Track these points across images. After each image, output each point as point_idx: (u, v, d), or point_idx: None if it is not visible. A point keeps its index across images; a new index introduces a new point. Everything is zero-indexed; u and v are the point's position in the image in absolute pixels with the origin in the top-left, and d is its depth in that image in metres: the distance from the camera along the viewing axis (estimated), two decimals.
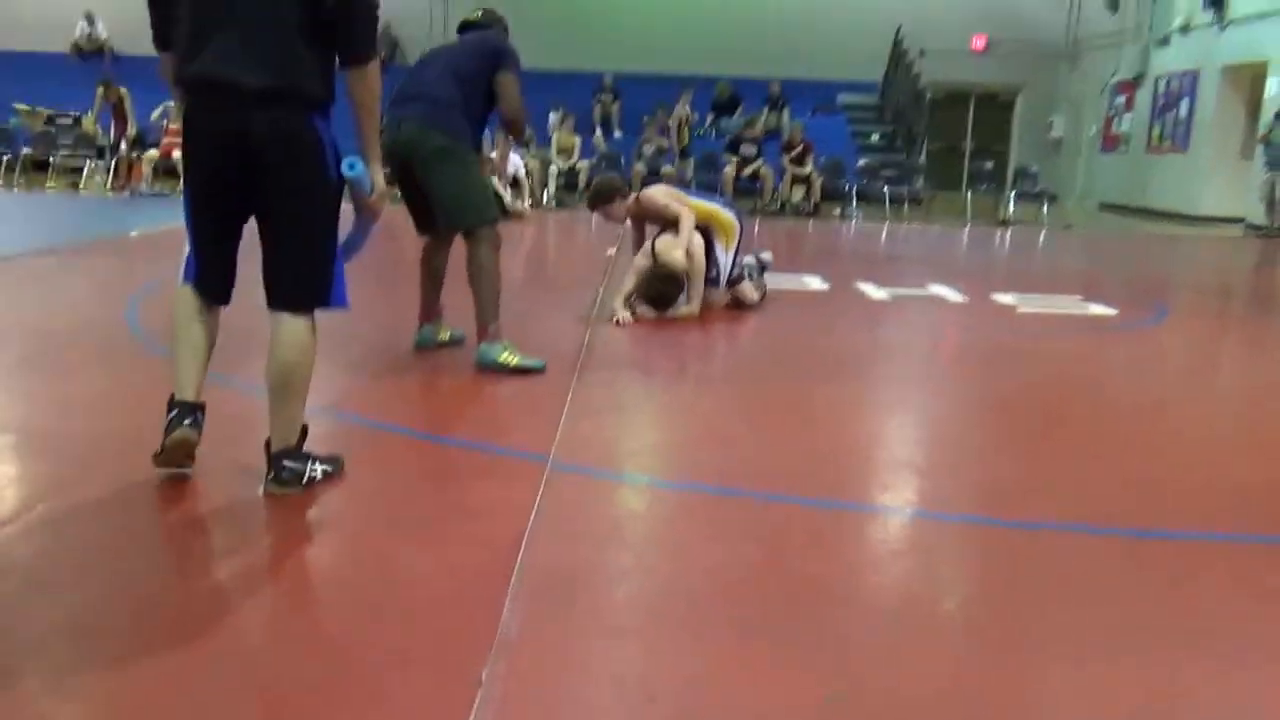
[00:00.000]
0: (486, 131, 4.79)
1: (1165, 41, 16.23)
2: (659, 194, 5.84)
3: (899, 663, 2.09)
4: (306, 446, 2.86)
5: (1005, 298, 6.97)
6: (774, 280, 6.58)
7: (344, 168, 2.70)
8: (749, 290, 6.04)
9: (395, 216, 4.14)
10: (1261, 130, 13.09)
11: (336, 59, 2.68)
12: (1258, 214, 13.29)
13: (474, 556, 2.49)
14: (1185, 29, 15.59)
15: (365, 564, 2.48)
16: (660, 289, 5.53)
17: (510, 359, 4.25)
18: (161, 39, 2.79)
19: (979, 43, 18.96)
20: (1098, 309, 6.69)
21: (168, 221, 9.66)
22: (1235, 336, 6.70)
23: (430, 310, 4.70)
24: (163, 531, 2.68)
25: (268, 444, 2.78)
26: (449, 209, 4.31)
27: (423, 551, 2.53)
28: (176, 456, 2.80)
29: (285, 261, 2.73)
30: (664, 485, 3.20)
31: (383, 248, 5.18)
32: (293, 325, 2.72)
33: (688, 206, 5.68)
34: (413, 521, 2.73)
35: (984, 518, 2.98)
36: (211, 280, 2.82)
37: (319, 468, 2.85)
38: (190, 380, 2.82)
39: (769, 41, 17.77)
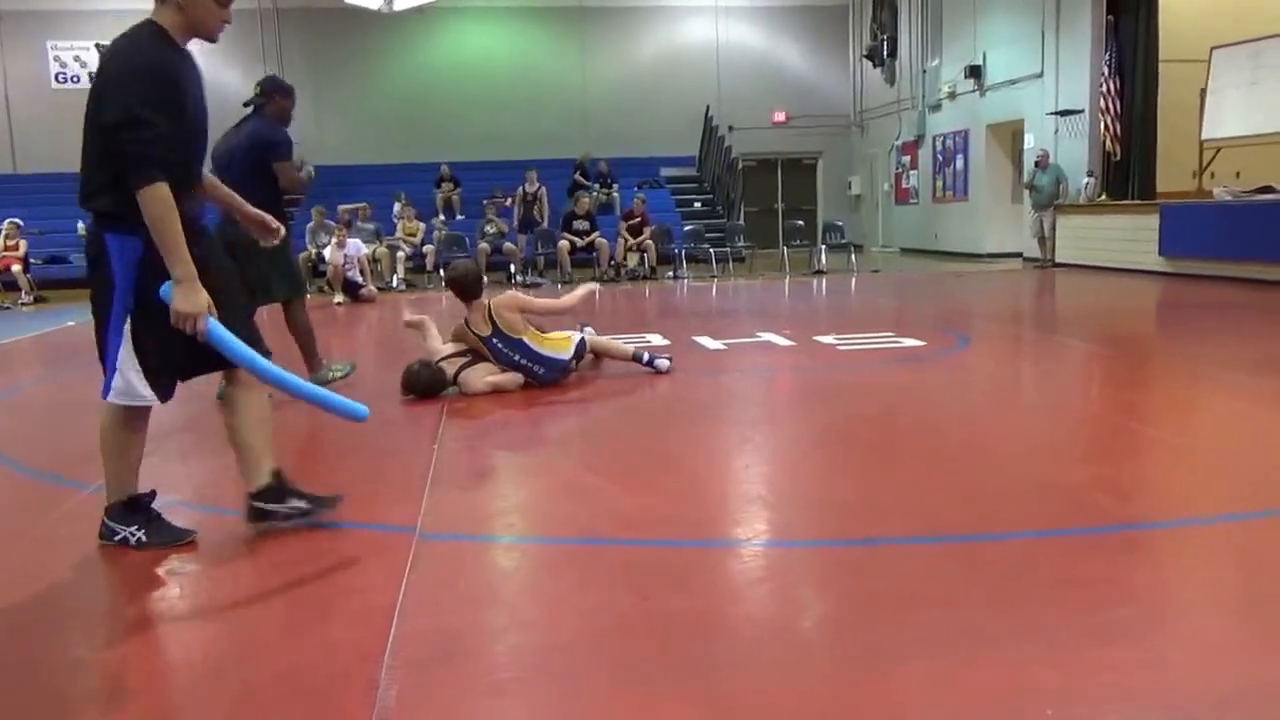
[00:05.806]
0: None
1: (938, 107, 17.44)
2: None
3: (768, 683, 2.06)
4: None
5: (827, 338, 7.19)
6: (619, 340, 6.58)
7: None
8: (606, 344, 5.96)
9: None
10: (1025, 178, 14.17)
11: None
12: (1032, 248, 14.33)
13: (348, 633, 2.34)
14: (953, 96, 16.81)
15: (236, 651, 2.29)
16: (428, 379, 5.26)
17: None
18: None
19: (779, 117, 20.05)
20: (909, 342, 6.96)
21: (9, 335, 8.96)
22: (1028, 355, 7.10)
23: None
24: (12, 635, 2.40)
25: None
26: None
27: (296, 634, 2.35)
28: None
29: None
30: (532, 541, 3.10)
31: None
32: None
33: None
34: (284, 606, 2.55)
35: (831, 540, 3.01)
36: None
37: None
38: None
39: (593, 126, 18.33)
